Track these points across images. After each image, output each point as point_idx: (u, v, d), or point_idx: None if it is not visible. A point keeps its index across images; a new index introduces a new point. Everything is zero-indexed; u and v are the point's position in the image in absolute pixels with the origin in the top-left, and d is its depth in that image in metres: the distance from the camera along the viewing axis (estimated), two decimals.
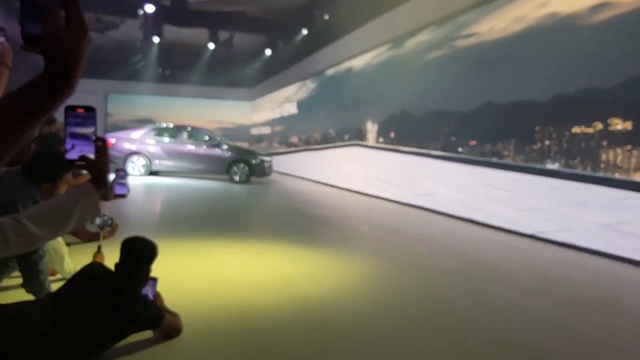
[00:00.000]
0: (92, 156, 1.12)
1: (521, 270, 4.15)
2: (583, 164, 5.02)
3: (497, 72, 6.28)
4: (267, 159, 11.51)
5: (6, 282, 2.84)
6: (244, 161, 11.22)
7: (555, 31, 5.41)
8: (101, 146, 1.15)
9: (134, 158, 11.23)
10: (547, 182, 5.44)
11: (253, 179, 11.38)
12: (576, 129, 5.10)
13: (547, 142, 5.48)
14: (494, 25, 6.40)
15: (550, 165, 5.41)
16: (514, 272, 4.07)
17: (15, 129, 0.61)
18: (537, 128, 5.60)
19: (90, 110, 1.10)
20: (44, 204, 1.24)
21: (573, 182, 5.10)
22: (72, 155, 1.11)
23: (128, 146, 11.11)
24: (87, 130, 1.11)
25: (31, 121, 0.62)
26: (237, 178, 11.11)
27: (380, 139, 9.36)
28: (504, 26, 6.21)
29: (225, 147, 11.54)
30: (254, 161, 11.20)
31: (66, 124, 1.10)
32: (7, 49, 2.20)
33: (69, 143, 1.11)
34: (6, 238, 1.13)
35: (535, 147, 5.63)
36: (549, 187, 5.41)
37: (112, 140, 10.74)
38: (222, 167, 11.23)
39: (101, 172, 1.21)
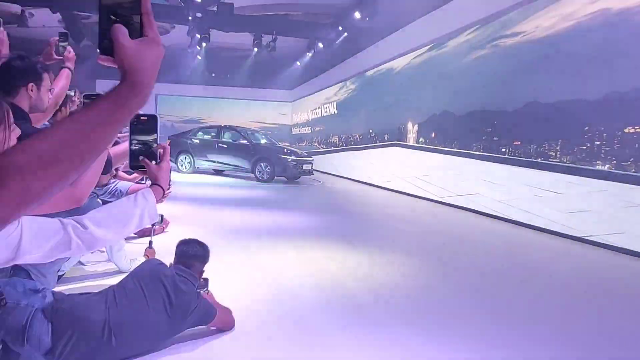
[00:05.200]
0: (153, 162, 1.19)
1: (570, 273, 4.04)
2: (636, 165, 4.78)
3: (543, 71, 6.07)
4: (292, 158, 10.92)
5: (68, 273, 3.10)
6: (267, 160, 10.87)
7: (607, 28, 5.17)
8: (162, 153, 1.20)
9: (182, 156, 11.81)
10: (596, 184, 5.21)
11: (303, 177, 11.19)
12: (629, 129, 4.86)
13: (597, 143, 5.25)
14: (540, 24, 6.19)
15: (600, 167, 5.18)
16: (563, 275, 3.97)
17: (92, 140, 0.60)
18: (586, 128, 5.38)
19: (152, 118, 1.17)
20: (106, 207, 1.25)
21: (625, 184, 4.86)
22: (135, 160, 1.19)
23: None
24: (149, 137, 1.17)
25: (107, 132, 0.61)
26: (261, 177, 10.80)
27: (421, 139, 9.26)
28: (551, 24, 5.99)
29: (251, 144, 11.21)
30: (277, 160, 10.73)
31: (130, 130, 1.17)
32: (72, 54, 2.41)
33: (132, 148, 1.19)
34: (70, 239, 1.13)
35: (584, 147, 5.41)
36: (598, 188, 5.18)
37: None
38: (248, 165, 11.01)
39: (161, 178, 1.24)
